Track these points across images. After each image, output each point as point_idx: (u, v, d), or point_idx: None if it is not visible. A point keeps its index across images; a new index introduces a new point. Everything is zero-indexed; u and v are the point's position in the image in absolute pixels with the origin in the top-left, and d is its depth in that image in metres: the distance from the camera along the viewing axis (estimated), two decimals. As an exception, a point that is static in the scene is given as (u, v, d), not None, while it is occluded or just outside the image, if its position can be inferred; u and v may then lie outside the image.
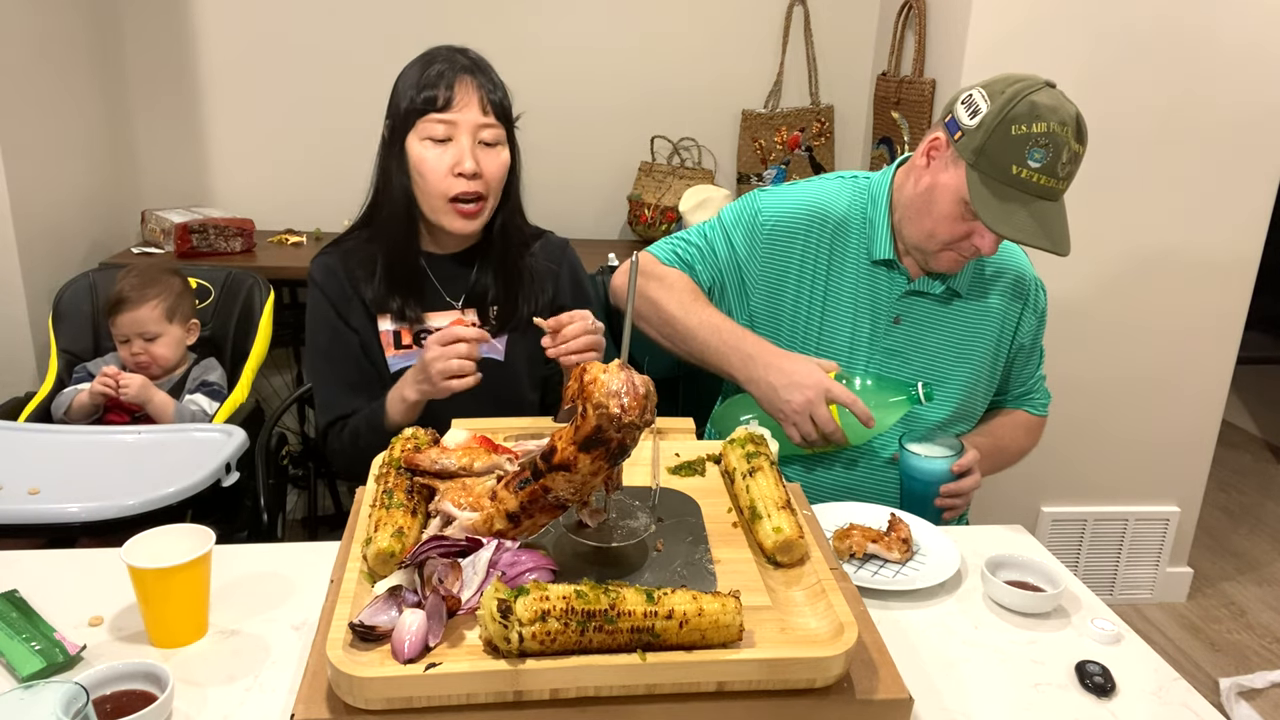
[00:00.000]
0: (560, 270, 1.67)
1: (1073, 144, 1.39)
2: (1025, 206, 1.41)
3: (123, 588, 1.09)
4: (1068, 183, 1.43)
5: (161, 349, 2.04)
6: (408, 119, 1.47)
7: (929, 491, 1.49)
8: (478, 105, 1.46)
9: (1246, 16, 2.36)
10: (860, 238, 1.59)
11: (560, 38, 2.95)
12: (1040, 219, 1.41)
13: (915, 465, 1.50)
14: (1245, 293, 2.60)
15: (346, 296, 1.57)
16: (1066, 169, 1.40)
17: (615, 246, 2.89)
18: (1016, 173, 1.39)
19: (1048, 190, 1.40)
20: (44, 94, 2.44)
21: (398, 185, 1.51)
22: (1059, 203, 1.44)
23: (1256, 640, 2.74)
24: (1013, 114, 1.38)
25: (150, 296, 2.02)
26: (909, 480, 1.52)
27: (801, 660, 0.84)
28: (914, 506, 1.47)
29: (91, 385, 1.96)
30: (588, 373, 0.90)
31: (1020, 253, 1.67)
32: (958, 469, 1.49)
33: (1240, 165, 2.48)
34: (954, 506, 1.51)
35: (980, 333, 1.62)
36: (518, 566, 0.92)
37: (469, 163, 1.45)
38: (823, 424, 1.45)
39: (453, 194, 1.47)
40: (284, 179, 2.97)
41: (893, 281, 1.58)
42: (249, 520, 1.92)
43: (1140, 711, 1.06)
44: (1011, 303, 1.64)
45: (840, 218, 1.60)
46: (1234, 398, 3.84)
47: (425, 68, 1.47)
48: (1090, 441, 2.69)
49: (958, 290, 1.60)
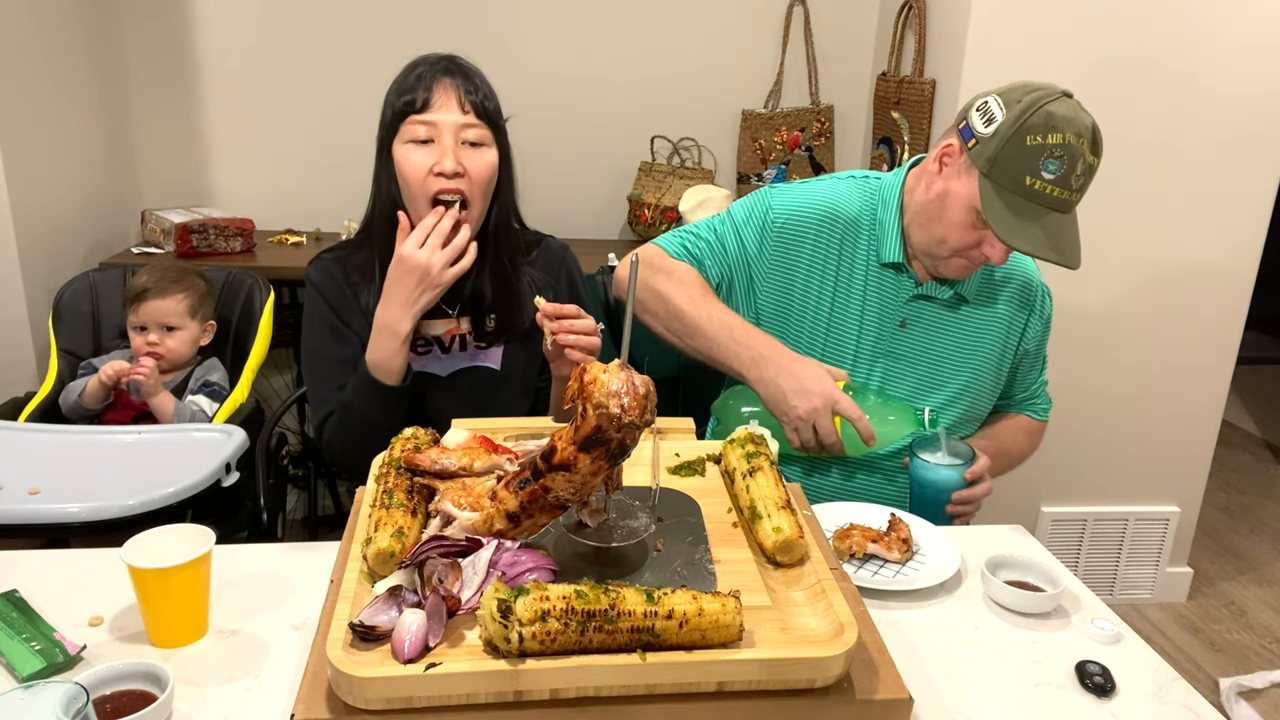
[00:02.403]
0: (558, 281, 1.66)
1: (1088, 156, 1.38)
2: (1038, 219, 1.40)
3: (123, 588, 1.09)
4: (1081, 194, 1.42)
5: (176, 342, 2.09)
6: (391, 125, 1.48)
7: (940, 499, 1.48)
8: (456, 105, 1.45)
9: (1247, 18, 2.36)
10: (870, 240, 1.59)
11: (560, 38, 2.95)
12: (1051, 231, 1.40)
13: (927, 474, 1.48)
14: (1245, 293, 2.60)
15: (345, 300, 1.57)
16: (1080, 181, 1.39)
17: (615, 246, 2.89)
18: (1030, 184, 1.38)
19: (1060, 202, 1.39)
20: (44, 94, 2.44)
21: (386, 194, 1.51)
22: (1071, 215, 1.43)
23: (1256, 640, 2.74)
24: (1028, 124, 1.37)
25: (177, 290, 2.08)
26: (920, 488, 1.50)
27: (801, 660, 0.84)
28: (925, 513, 1.46)
29: (103, 369, 1.98)
30: (588, 373, 0.90)
31: (1028, 259, 1.66)
32: (970, 476, 1.47)
33: (1240, 166, 2.48)
34: (965, 514, 1.51)
35: (985, 339, 1.62)
36: (518, 566, 0.92)
37: (449, 161, 1.44)
38: (824, 434, 1.45)
39: (433, 192, 1.46)
40: (284, 179, 2.97)
41: (901, 285, 1.58)
42: (249, 520, 1.92)
43: (1140, 711, 1.06)
44: (1018, 310, 1.64)
45: (851, 219, 1.59)
46: (1234, 398, 3.84)
47: (407, 74, 1.49)
48: (1090, 442, 2.69)
49: (965, 296, 1.59)
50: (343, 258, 1.60)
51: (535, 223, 1.72)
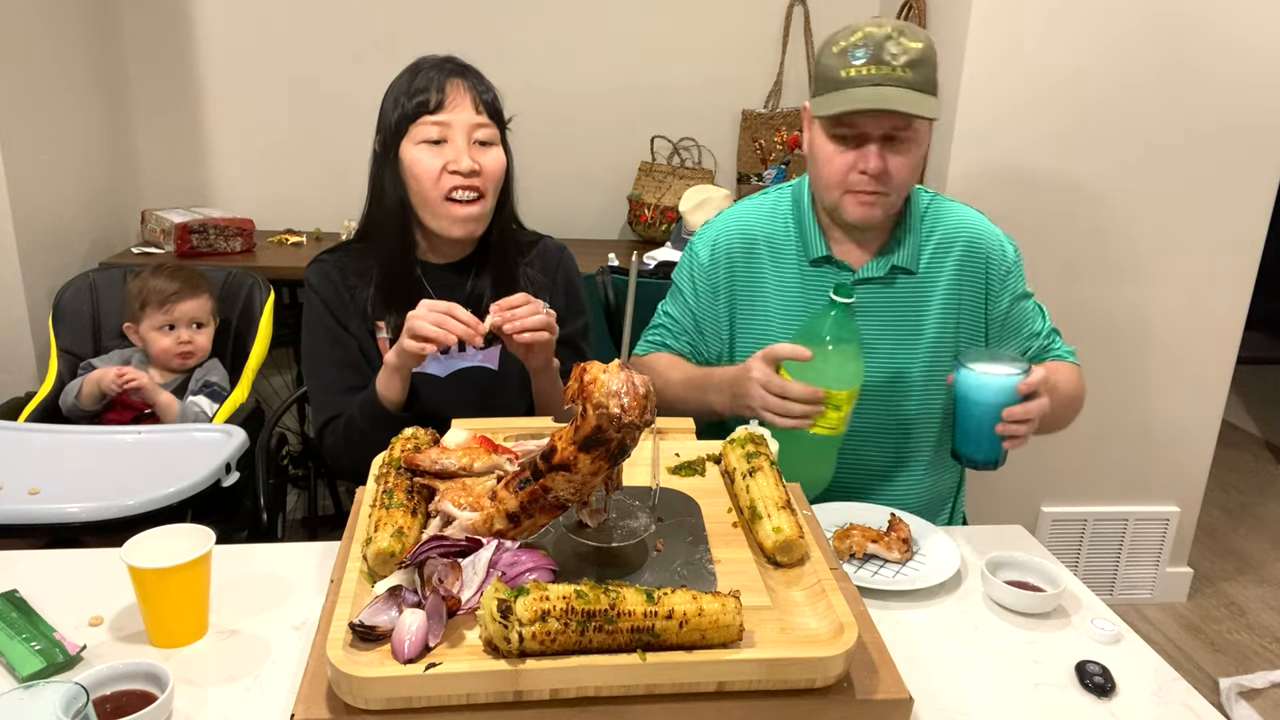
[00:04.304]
0: (555, 282, 1.67)
1: (896, 38, 1.42)
2: (862, 88, 1.42)
3: (123, 588, 1.09)
4: (911, 71, 1.41)
5: (204, 339, 2.14)
6: (400, 127, 1.47)
7: (990, 416, 1.32)
8: (470, 105, 1.47)
9: (1247, 16, 2.36)
10: (797, 243, 1.60)
11: (561, 38, 2.95)
12: (881, 94, 1.41)
13: (975, 385, 1.32)
14: (1245, 293, 2.60)
15: (344, 303, 1.57)
16: (898, 57, 1.41)
17: (615, 246, 2.89)
18: (846, 75, 1.42)
19: (883, 76, 1.41)
20: (44, 94, 2.44)
21: (392, 197, 1.51)
22: (908, 89, 1.41)
23: (1256, 640, 2.74)
24: (831, 39, 1.47)
25: (203, 288, 2.14)
26: (967, 405, 1.35)
27: (801, 660, 0.84)
28: (972, 438, 1.35)
29: (106, 385, 1.98)
30: (588, 373, 0.90)
31: (969, 220, 1.61)
32: (1025, 389, 1.33)
33: (1240, 165, 2.48)
34: (1017, 435, 1.34)
35: (939, 306, 1.58)
36: (518, 566, 0.92)
37: (466, 160, 1.45)
38: (779, 387, 1.38)
39: (447, 190, 1.47)
40: (284, 179, 2.97)
41: (836, 277, 1.58)
42: (249, 520, 1.92)
43: (1140, 711, 1.06)
44: (969, 271, 1.59)
45: (765, 232, 1.62)
46: (1234, 398, 3.83)
47: (413, 76, 1.49)
48: (1090, 441, 2.69)
49: (905, 267, 1.57)
50: (341, 260, 1.60)
51: (535, 223, 1.72)
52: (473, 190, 1.48)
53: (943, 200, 1.63)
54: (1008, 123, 2.38)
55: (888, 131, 1.44)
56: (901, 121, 1.43)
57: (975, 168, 2.42)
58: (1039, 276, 2.51)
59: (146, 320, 2.08)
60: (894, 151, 1.45)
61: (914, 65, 1.42)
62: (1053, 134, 2.40)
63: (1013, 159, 2.42)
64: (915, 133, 1.45)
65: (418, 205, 1.51)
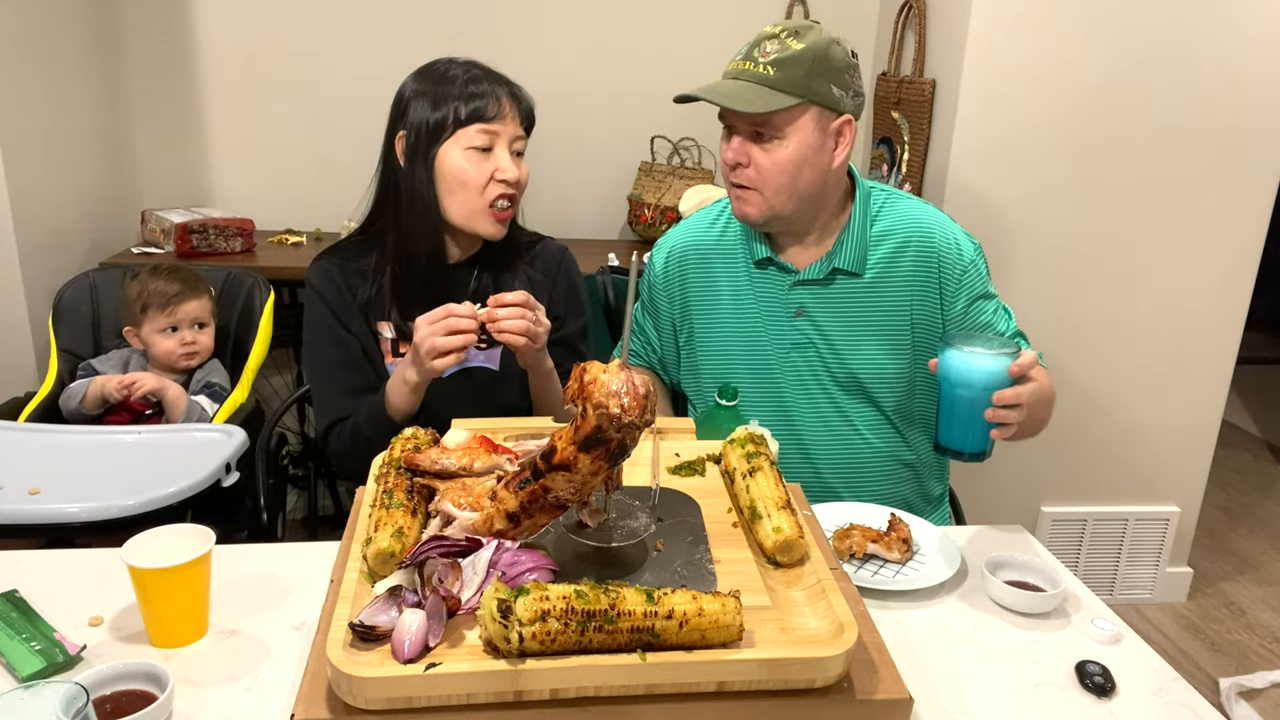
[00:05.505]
0: (555, 283, 1.67)
1: (781, 36, 1.45)
2: (719, 81, 1.48)
3: (123, 588, 1.09)
4: (775, 69, 1.43)
5: (207, 338, 2.15)
6: (443, 130, 1.48)
7: (979, 400, 1.27)
8: (517, 117, 1.52)
9: (1248, 16, 2.35)
10: (740, 248, 1.63)
11: (561, 38, 2.95)
12: (719, 87, 1.46)
13: (963, 367, 1.27)
14: (1245, 293, 2.60)
15: (346, 302, 1.57)
16: (769, 55, 1.44)
17: (615, 246, 2.90)
18: (727, 67, 1.50)
19: (741, 71, 1.46)
20: (44, 94, 2.44)
21: (422, 197, 1.51)
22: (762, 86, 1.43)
23: (1256, 640, 2.74)
24: None
25: (203, 290, 2.14)
26: (954, 389, 1.29)
27: (801, 660, 0.84)
28: (959, 425, 1.30)
29: (110, 391, 1.99)
30: (588, 373, 0.90)
31: (922, 218, 1.58)
32: (1016, 370, 1.27)
33: (1240, 165, 2.48)
34: (1008, 422, 1.29)
35: (889, 308, 1.56)
36: (518, 566, 0.92)
37: (514, 171, 1.51)
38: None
39: (493, 198, 1.51)
40: (284, 179, 2.97)
41: (781, 278, 1.59)
42: (249, 520, 1.92)
43: (1140, 711, 1.06)
44: (921, 272, 1.56)
45: (712, 240, 1.66)
46: (1234, 398, 3.84)
47: (460, 81, 1.49)
48: (1090, 441, 2.69)
49: (847, 269, 1.55)
50: (343, 260, 1.60)
51: (535, 223, 1.72)
52: (511, 199, 1.53)
53: (898, 199, 1.61)
54: (1008, 123, 2.38)
55: (756, 128, 1.45)
56: (760, 118, 1.43)
57: (975, 167, 2.42)
58: (1039, 278, 2.53)
59: (148, 323, 2.08)
60: (762, 148, 1.46)
61: (782, 64, 1.43)
62: (1053, 134, 2.40)
63: (1013, 159, 2.42)
64: (778, 131, 1.44)
65: (454, 207, 1.52)
